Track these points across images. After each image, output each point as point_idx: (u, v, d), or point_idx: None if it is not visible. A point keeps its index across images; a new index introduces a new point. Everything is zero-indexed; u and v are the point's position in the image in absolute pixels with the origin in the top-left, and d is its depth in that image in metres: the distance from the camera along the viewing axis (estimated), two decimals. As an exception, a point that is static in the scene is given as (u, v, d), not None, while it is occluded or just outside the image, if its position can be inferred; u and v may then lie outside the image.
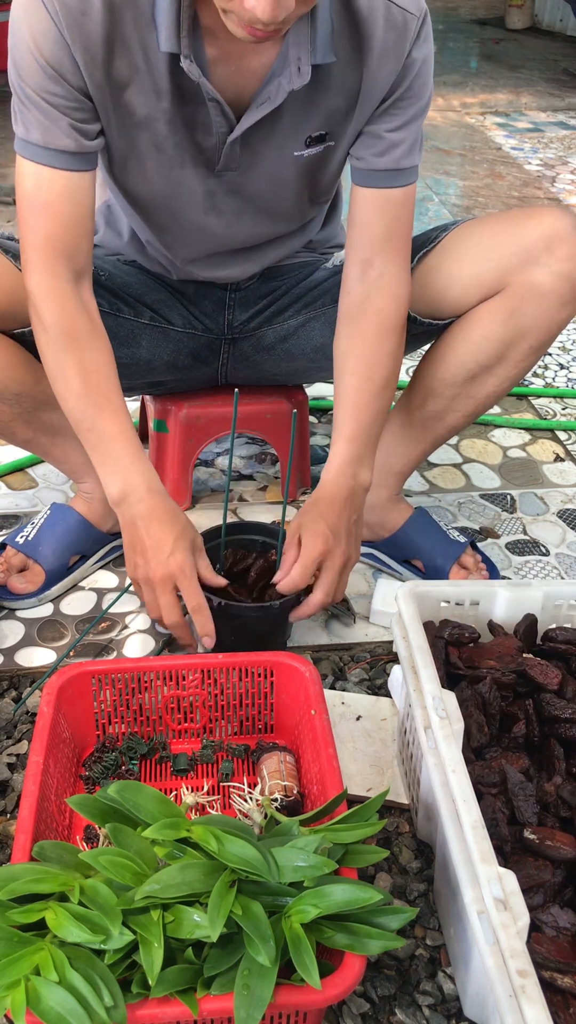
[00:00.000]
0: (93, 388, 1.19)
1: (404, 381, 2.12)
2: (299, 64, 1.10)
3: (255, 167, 1.23)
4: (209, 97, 1.13)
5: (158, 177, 1.22)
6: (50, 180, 1.14)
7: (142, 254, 1.44)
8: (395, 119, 1.20)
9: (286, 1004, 0.80)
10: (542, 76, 5.15)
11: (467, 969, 0.92)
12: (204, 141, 1.19)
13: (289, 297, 1.49)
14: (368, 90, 1.17)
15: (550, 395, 2.14)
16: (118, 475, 1.19)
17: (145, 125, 1.16)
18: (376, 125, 1.20)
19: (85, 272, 1.22)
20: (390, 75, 1.16)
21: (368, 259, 1.27)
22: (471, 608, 1.19)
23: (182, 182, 1.23)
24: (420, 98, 1.20)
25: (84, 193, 1.16)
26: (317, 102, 1.18)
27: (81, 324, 1.20)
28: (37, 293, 1.18)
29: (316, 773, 1.04)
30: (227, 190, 1.26)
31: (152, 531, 1.18)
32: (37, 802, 0.95)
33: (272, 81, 1.13)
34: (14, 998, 0.75)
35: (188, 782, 1.16)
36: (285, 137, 1.20)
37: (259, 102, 1.14)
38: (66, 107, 1.10)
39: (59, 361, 1.19)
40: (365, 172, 1.23)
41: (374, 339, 1.27)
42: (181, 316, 1.47)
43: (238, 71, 1.13)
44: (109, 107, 1.13)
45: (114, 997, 0.77)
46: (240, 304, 1.49)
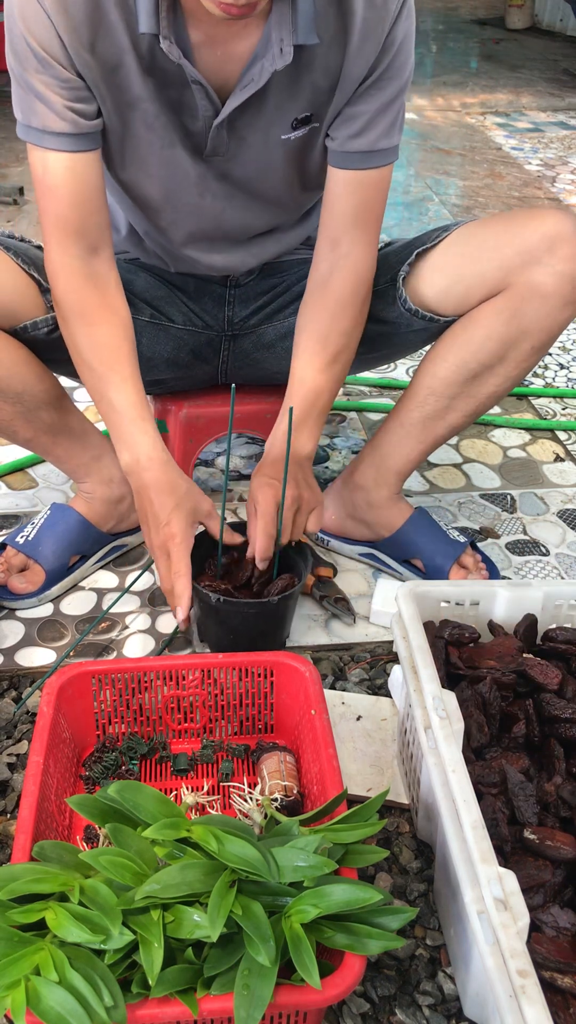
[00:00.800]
0: (102, 361, 1.24)
1: (403, 381, 2.12)
2: (281, 45, 1.11)
3: (242, 152, 1.24)
4: (192, 79, 1.13)
5: (151, 157, 1.23)
6: (54, 162, 1.17)
7: (140, 248, 1.45)
8: (375, 99, 1.20)
9: (286, 1004, 0.80)
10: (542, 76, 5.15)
11: (467, 969, 0.92)
12: (191, 124, 1.20)
13: (290, 295, 1.49)
14: (349, 70, 1.17)
15: (550, 395, 2.14)
16: (124, 446, 1.25)
17: (135, 104, 1.17)
18: (355, 106, 1.20)
19: (101, 245, 1.25)
20: (371, 54, 1.16)
21: (336, 238, 1.29)
22: (471, 608, 1.19)
23: (175, 162, 1.23)
24: (399, 77, 1.19)
25: (89, 172, 1.19)
26: (301, 83, 1.18)
27: (90, 299, 1.24)
28: (50, 270, 1.24)
29: (316, 773, 1.04)
30: (216, 175, 1.26)
31: (152, 500, 1.23)
32: (37, 802, 0.95)
33: (255, 63, 1.14)
34: (14, 998, 0.75)
35: (188, 782, 1.16)
36: (271, 120, 1.20)
37: (243, 84, 1.15)
38: (60, 89, 1.12)
39: (70, 335, 1.25)
40: (340, 154, 1.24)
41: (330, 315, 1.31)
42: (181, 313, 1.48)
43: (223, 56, 1.14)
44: (101, 87, 1.14)
45: (114, 997, 0.77)
46: (240, 300, 1.49)
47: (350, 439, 1.94)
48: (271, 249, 1.43)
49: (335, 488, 1.57)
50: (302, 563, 1.34)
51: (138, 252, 1.47)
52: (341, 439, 1.94)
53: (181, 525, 1.22)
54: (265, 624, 1.32)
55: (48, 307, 1.30)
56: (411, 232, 2.92)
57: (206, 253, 1.40)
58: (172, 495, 1.23)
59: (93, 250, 1.24)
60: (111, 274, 1.26)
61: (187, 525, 1.23)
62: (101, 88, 1.14)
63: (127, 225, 1.43)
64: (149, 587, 1.52)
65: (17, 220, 2.95)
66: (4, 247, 1.27)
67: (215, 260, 1.41)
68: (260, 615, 1.28)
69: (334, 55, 1.16)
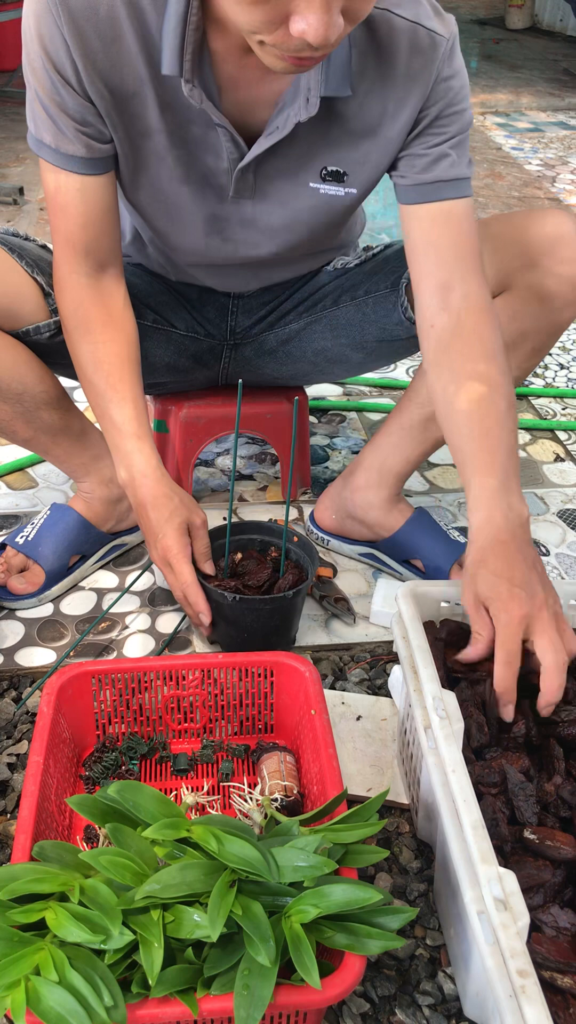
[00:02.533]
0: (102, 377, 1.24)
1: (403, 381, 2.12)
2: (308, 95, 1.08)
3: (270, 195, 1.21)
4: (217, 123, 1.11)
5: (161, 188, 1.21)
6: (65, 183, 1.16)
7: (143, 253, 1.44)
8: (434, 138, 1.15)
9: (286, 1004, 0.80)
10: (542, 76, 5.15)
11: (467, 969, 0.92)
12: (215, 165, 1.18)
13: (291, 302, 1.49)
14: (391, 125, 1.13)
15: (550, 395, 2.14)
16: (121, 463, 1.26)
17: (149, 135, 1.15)
18: (413, 148, 1.16)
19: (110, 263, 1.25)
20: (417, 102, 1.12)
21: (446, 283, 1.16)
22: (471, 608, 1.18)
23: (183, 198, 1.22)
24: (459, 118, 1.15)
25: (100, 194, 1.18)
26: (331, 135, 1.15)
27: (95, 315, 1.24)
28: (58, 285, 1.25)
29: (316, 773, 1.04)
30: (240, 219, 1.24)
31: (148, 515, 1.25)
32: (37, 802, 0.95)
33: (283, 112, 1.11)
34: (14, 998, 0.75)
35: (188, 782, 1.16)
36: (298, 167, 1.18)
37: (268, 132, 1.12)
38: (74, 113, 1.10)
39: (74, 350, 1.26)
40: (411, 188, 1.17)
41: (483, 360, 1.13)
42: (184, 320, 1.48)
43: (248, 99, 1.11)
44: (114, 115, 1.12)
45: (114, 997, 0.77)
46: (243, 311, 1.49)
47: (350, 439, 1.94)
48: (277, 277, 1.43)
49: (335, 488, 1.57)
50: (307, 559, 1.34)
51: (141, 258, 1.46)
52: (341, 439, 1.94)
53: (174, 536, 1.24)
54: (279, 620, 1.33)
55: (51, 311, 1.29)
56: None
57: (209, 277, 1.40)
58: (164, 508, 1.24)
59: (101, 267, 1.24)
60: (118, 291, 1.26)
61: (180, 536, 1.25)
62: (113, 116, 1.12)
63: (132, 231, 1.43)
64: (149, 587, 1.52)
65: (17, 220, 2.95)
66: (8, 247, 1.27)
67: (217, 282, 1.41)
68: (275, 611, 1.29)
69: (372, 108, 1.12)
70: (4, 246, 1.26)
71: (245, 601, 1.26)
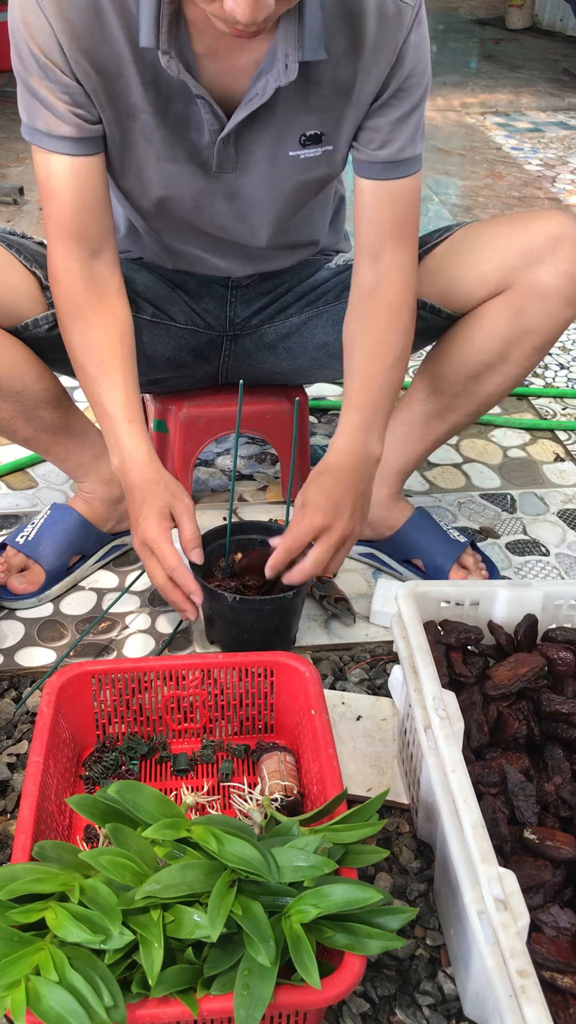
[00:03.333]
0: (93, 362, 1.24)
1: (407, 381, 2.12)
2: (287, 61, 1.10)
3: (251, 167, 1.23)
4: (196, 94, 1.13)
5: (149, 168, 1.22)
6: (57, 166, 1.17)
7: (139, 245, 1.45)
8: (394, 110, 1.19)
9: (286, 1004, 0.80)
10: (542, 76, 5.15)
11: (467, 969, 0.92)
12: (198, 140, 1.19)
13: (292, 295, 1.49)
14: (362, 87, 1.16)
15: (550, 395, 2.14)
16: (113, 449, 1.25)
17: (134, 115, 1.16)
18: (375, 119, 1.20)
19: (103, 248, 1.25)
20: (384, 68, 1.15)
21: (377, 252, 1.27)
22: (471, 608, 1.18)
23: (173, 176, 1.23)
24: (418, 87, 1.19)
25: (92, 176, 1.19)
26: (309, 100, 1.17)
27: (89, 301, 1.24)
28: (52, 272, 1.25)
29: (316, 773, 1.04)
30: (225, 193, 1.25)
31: (133, 499, 1.24)
32: (37, 802, 0.95)
33: (261, 78, 1.13)
34: (14, 998, 0.75)
35: (188, 782, 1.16)
36: (279, 136, 1.20)
37: (247, 99, 1.14)
38: (63, 94, 1.12)
39: (68, 336, 1.26)
40: (366, 164, 1.23)
41: (385, 319, 1.27)
42: (183, 312, 1.48)
43: (227, 68, 1.13)
44: (100, 95, 1.14)
45: (114, 997, 0.77)
46: (242, 301, 1.49)
47: (350, 439, 1.93)
48: (272, 262, 1.44)
49: (335, 488, 1.57)
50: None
51: (138, 250, 1.47)
52: (341, 439, 1.93)
53: (154, 519, 1.21)
54: (279, 621, 1.32)
55: (48, 304, 1.30)
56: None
57: (205, 256, 1.40)
58: (148, 493, 1.22)
59: (95, 253, 1.24)
60: (113, 277, 1.26)
61: (160, 519, 1.21)
62: (100, 96, 1.14)
63: (126, 224, 1.43)
64: (149, 587, 1.52)
65: (17, 220, 2.95)
66: (5, 244, 1.27)
67: (214, 263, 1.41)
68: (275, 612, 1.29)
69: (345, 71, 1.15)
70: (3, 244, 1.27)
71: (245, 602, 1.26)
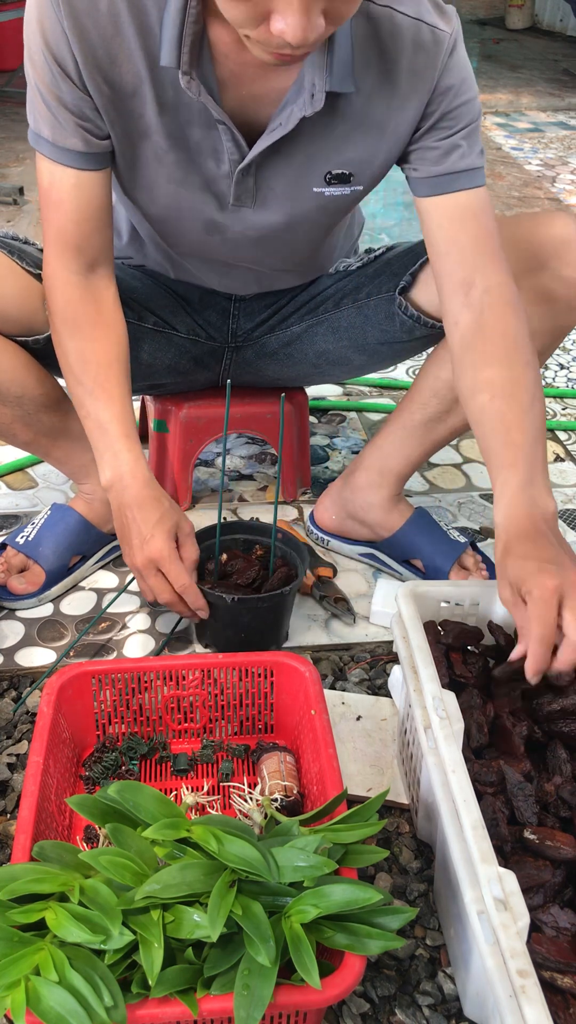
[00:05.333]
0: (89, 376, 1.22)
1: (404, 381, 2.12)
2: (313, 91, 1.06)
3: (271, 202, 1.20)
4: (217, 119, 1.10)
5: (158, 189, 1.20)
6: (61, 177, 1.15)
7: (142, 252, 1.44)
8: (445, 131, 1.14)
9: (286, 1004, 0.80)
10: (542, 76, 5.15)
11: (467, 969, 0.92)
12: (216, 169, 1.17)
13: (293, 304, 1.49)
14: (398, 122, 1.13)
15: (550, 395, 2.14)
16: (107, 463, 1.23)
17: (146, 135, 1.14)
18: (423, 142, 1.15)
19: (101, 261, 1.23)
20: (423, 99, 1.11)
21: (467, 279, 1.16)
22: (471, 608, 1.18)
23: (181, 200, 1.21)
24: (469, 107, 1.14)
25: (95, 190, 1.17)
26: (335, 133, 1.14)
27: (84, 313, 1.22)
28: (47, 282, 1.23)
29: (316, 773, 1.04)
30: (241, 226, 1.23)
31: (134, 518, 1.22)
32: (37, 802, 0.95)
33: (286, 108, 1.09)
34: (14, 998, 0.75)
35: (188, 782, 1.16)
36: (301, 170, 1.16)
37: (270, 128, 1.11)
38: (73, 106, 1.09)
39: (62, 348, 1.24)
40: (424, 180, 1.16)
41: (506, 358, 1.13)
42: (185, 323, 1.47)
43: (250, 97, 1.10)
44: (111, 112, 1.11)
45: (114, 997, 0.77)
46: (245, 314, 1.49)
47: (350, 439, 1.94)
48: (279, 282, 1.43)
49: (335, 488, 1.57)
50: (294, 554, 1.35)
51: (140, 257, 1.46)
52: (341, 439, 1.94)
53: (165, 539, 1.21)
54: (274, 617, 1.33)
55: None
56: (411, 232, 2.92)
57: (209, 272, 1.39)
58: (154, 511, 1.21)
59: (92, 266, 1.22)
60: (108, 290, 1.25)
61: (169, 540, 1.22)
62: (111, 113, 1.11)
63: (129, 230, 1.42)
64: (149, 587, 1.52)
65: (17, 220, 2.95)
66: (8, 250, 1.26)
67: (217, 280, 1.41)
68: (271, 609, 1.29)
69: (377, 106, 1.11)
70: (3, 249, 1.26)
71: (244, 601, 1.26)
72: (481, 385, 1.12)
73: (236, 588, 1.31)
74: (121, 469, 1.22)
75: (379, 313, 1.40)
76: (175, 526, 1.23)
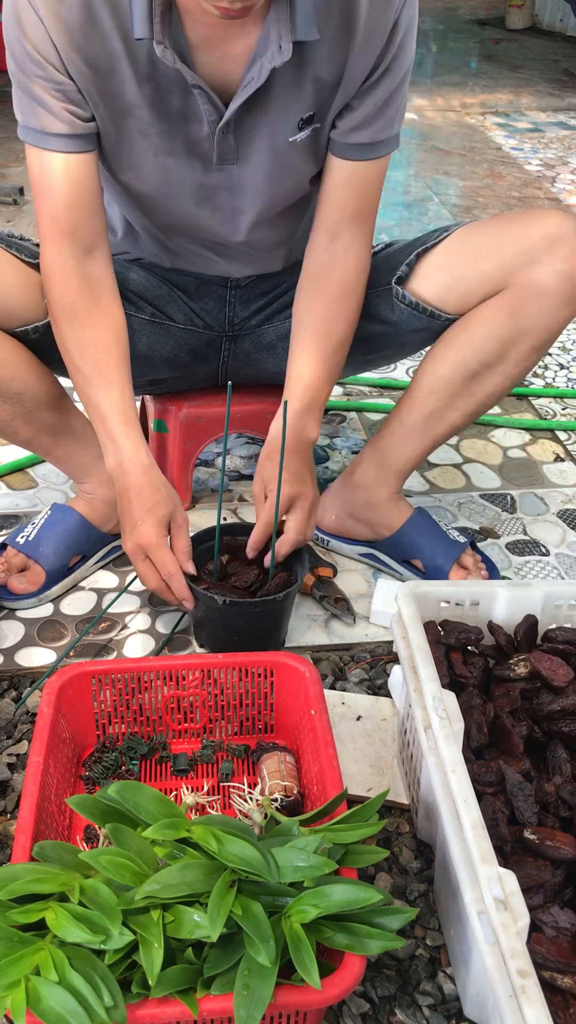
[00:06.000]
0: (88, 363, 1.24)
1: (403, 381, 2.12)
2: (280, 42, 1.10)
3: (252, 157, 1.23)
4: (192, 84, 1.13)
5: (145, 164, 1.22)
6: (50, 163, 1.17)
7: (137, 245, 1.45)
8: (378, 91, 1.19)
9: (286, 1004, 0.80)
10: (542, 76, 5.14)
11: (467, 969, 0.92)
12: (197, 132, 1.19)
13: (290, 296, 1.49)
14: (354, 66, 1.16)
15: (550, 395, 2.14)
16: (109, 450, 1.25)
17: (129, 112, 1.16)
18: (360, 99, 1.20)
19: (96, 246, 1.25)
20: (376, 49, 1.15)
21: (335, 232, 1.30)
22: (471, 608, 1.18)
23: (170, 171, 1.23)
24: (401, 67, 1.19)
25: (85, 173, 1.19)
26: (303, 82, 1.17)
27: (82, 301, 1.24)
28: (45, 271, 1.24)
29: (316, 773, 1.04)
30: (228, 186, 1.26)
31: (129, 502, 1.24)
32: (37, 802, 0.95)
33: (255, 62, 1.13)
34: (14, 998, 0.75)
35: (188, 782, 1.16)
36: (277, 122, 1.19)
37: (244, 84, 1.14)
38: (56, 90, 1.12)
39: (60, 336, 1.25)
40: (342, 144, 1.24)
41: (334, 301, 1.32)
42: (182, 312, 1.48)
43: (222, 57, 1.13)
44: (94, 93, 1.14)
45: (114, 997, 0.77)
46: (241, 301, 1.49)
47: (350, 439, 1.94)
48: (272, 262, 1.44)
49: (335, 488, 1.57)
50: (297, 562, 1.34)
51: (135, 251, 1.47)
52: (341, 439, 1.94)
53: (154, 526, 1.23)
54: (269, 622, 1.32)
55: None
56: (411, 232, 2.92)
57: (203, 254, 1.40)
58: (149, 498, 1.23)
59: (88, 252, 1.24)
60: (106, 277, 1.26)
61: (159, 528, 1.24)
62: (93, 94, 1.14)
63: (123, 225, 1.43)
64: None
65: (17, 220, 2.95)
66: (6, 244, 1.27)
67: (213, 261, 1.41)
68: (264, 614, 1.29)
69: (337, 51, 1.15)
70: (1, 243, 1.27)
71: (236, 604, 1.25)
72: (306, 318, 1.33)
73: (233, 590, 1.30)
74: (121, 455, 1.24)
75: (378, 304, 1.40)
76: (168, 515, 1.25)
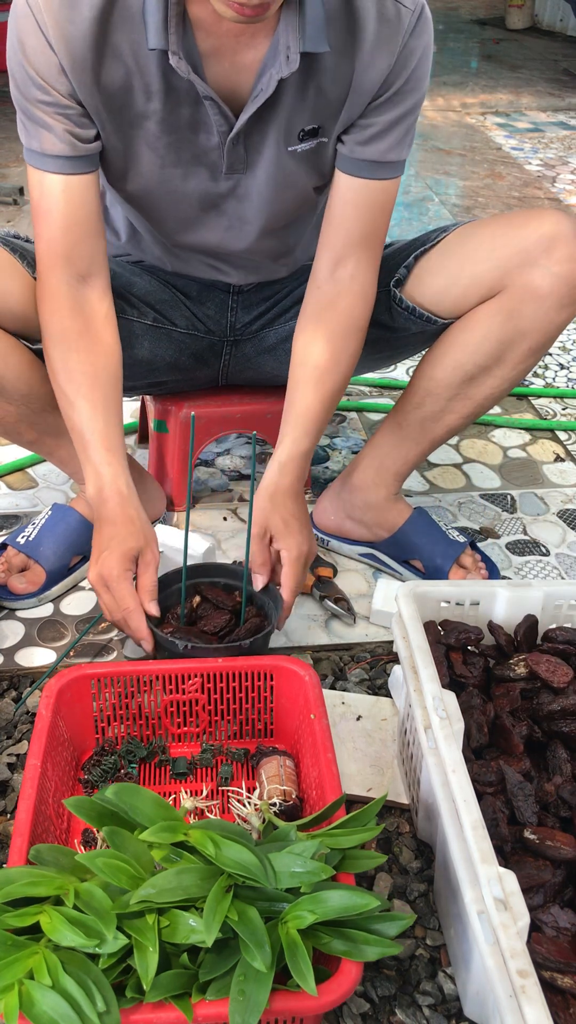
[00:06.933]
0: (73, 387, 1.22)
1: (403, 381, 2.12)
2: (288, 53, 1.10)
3: (259, 166, 1.22)
4: (204, 95, 1.13)
5: (151, 175, 1.22)
6: (49, 185, 1.17)
7: (139, 248, 1.44)
8: (388, 112, 1.18)
9: (282, 1010, 0.80)
10: (542, 76, 5.14)
11: (467, 969, 0.92)
12: (206, 142, 1.19)
13: (291, 299, 1.48)
14: (360, 83, 1.16)
15: (550, 395, 2.14)
16: (89, 475, 1.23)
17: (138, 124, 1.16)
18: (369, 117, 1.19)
19: (92, 273, 1.24)
20: (383, 70, 1.14)
21: (341, 256, 1.27)
22: (471, 608, 1.18)
23: (176, 181, 1.23)
24: (415, 92, 1.18)
25: (84, 195, 1.18)
26: (309, 93, 1.17)
27: (72, 326, 1.22)
28: (38, 295, 1.23)
29: (315, 777, 1.04)
30: (235, 195, 1.25)
31: (99, 532, 1.21)
32: (34, 805, 0.95)
33: (265, 73, 1.13)
34: (7, 1002, 0.75)
35: (187, 786, 1.15)
36: (280, 132, 1.19)
37: (253, 95, 1.14)
38: (58, 113, 1.12)
39: (49, 358, 1.24)
40: (348, 159, 1.22)
41: (340, 337, 1.29)
42: (184, 317, 1.47)
43: (232, 67, 1.13)
44: (101, 110, 1.14)
45: (108, 1002, 0.76)
46: (243, 306, 1.49)
47: (350, 439, 1.93)
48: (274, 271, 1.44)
49: (334, 488, 1.57)
50: (270, 603, 1.26)
51: (138, 253, 1.46)
52: (341, 439, 1.93)
53: (117, 559, 1.17)
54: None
55: None
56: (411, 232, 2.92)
57: (206, 263, 1.39)
58: (122, 528, 1.18)
59: (83, 278, 1.23)
60: (100, 304, 1.25)
61: (123, 561, 1.17)
62: (102, 112, 1.14)
63: (127, 227, 1.42)
64: (148, 589, 1.51)
65: (17, 220, 2.95)
66: (9, 248, 1.26)
67: (215, 267, 1.40)
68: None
69: (345, 65, 1.14)
70: (6, 247, 1.26)
71: (198, 650, 1.17)
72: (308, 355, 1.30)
73: (201, 635, 1.23)
74: (101, 482, 1.20)
75: (377, 307, 1.40)
76: (136, 549, 1.19)
